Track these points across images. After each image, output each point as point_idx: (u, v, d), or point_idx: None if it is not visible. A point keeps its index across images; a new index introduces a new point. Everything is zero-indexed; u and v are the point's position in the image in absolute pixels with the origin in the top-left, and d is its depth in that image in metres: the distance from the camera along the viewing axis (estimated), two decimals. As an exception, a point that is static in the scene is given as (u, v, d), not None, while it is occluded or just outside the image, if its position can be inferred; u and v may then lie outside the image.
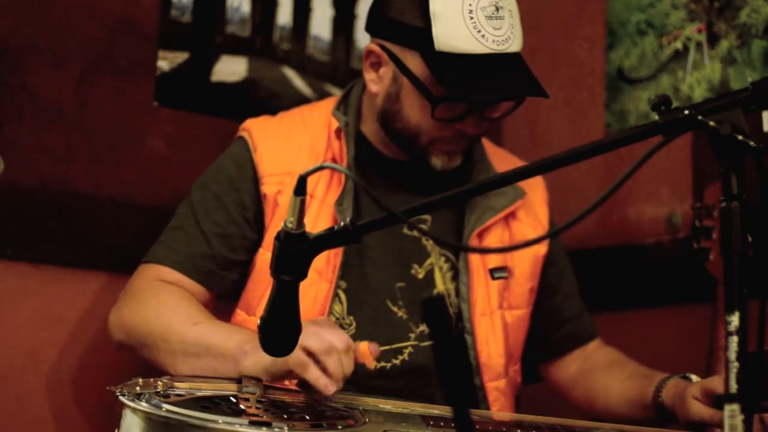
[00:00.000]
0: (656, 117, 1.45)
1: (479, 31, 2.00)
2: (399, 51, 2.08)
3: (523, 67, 2.07)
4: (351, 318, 2.11)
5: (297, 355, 1.79)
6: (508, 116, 2.16)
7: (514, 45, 2.04)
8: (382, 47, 2.10)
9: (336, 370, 1.79)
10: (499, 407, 2.15)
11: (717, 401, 1.93)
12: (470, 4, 2.00)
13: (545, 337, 2.30)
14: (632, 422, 2.05)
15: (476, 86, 2.01)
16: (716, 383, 1.94)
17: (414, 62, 2.05)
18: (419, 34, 2.02)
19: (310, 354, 1.80)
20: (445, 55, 2.01)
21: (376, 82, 2.13)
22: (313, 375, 1.79)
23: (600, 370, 2.26)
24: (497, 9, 2.01)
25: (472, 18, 2.00)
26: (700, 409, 1.94)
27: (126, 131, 2.43)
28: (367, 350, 1.86)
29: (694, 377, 2.04)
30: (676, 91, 2.58)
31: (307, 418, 1.74)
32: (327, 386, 1.78)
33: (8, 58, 2.29)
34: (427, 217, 2.20)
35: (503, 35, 2.02)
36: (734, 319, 1.34)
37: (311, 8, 2.72)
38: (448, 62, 2.00)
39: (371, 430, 1.75)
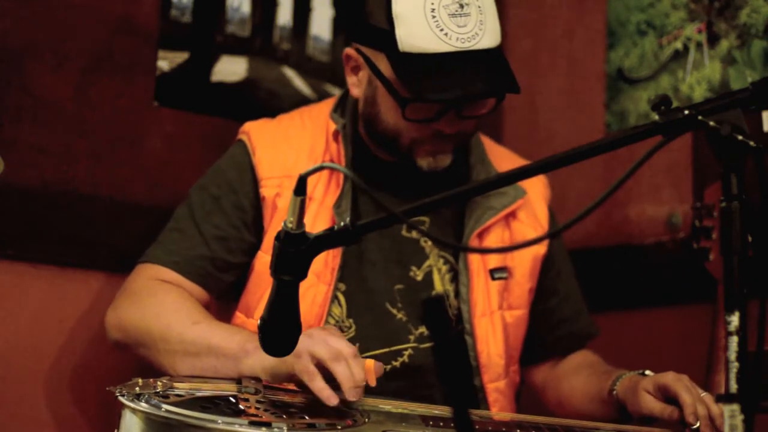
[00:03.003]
0: (656, 117, 1.45)
1: (442, 30, 1.98)
2: (371, 54, 2.08)
3: (494, 62, 2.03)
4: (350, 321, 2.11)
5: (304, 362, 1.80)
6: (496, 114, 2.14)
7: (484, 41, 2.00)
8: (358, 51, 2.11)
9: (345, 376, 1.78)
10: (499, 408, 2.14)
11: (667, 396, 1.94)
12: (432, 3, 1.98)
13: (535, 340, 2.29)
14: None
15: (437, 85, 1.98)
16: (668, 378, 1.95)
17: (383, 64, 2.05)
18: (385, 36, 2.02)
19: (318, 362, 1.80)
20: (408, 56, 1.99)
21: (357, 85, 2.13)
22: (318, 385, 1.79)
23: (568, 373, 2.27)
24: (461, 6, 1.99)
25: (434, 17, 1.98)
26: (650, 402, 1.95)
27: (126, 131, 2.42)
28: (372, 367, 1.85)
29: (648, 372, 2.04)
30: (676, 91, 2.58)
31: (307, 418, 1.74)
32: (330, 398, 1.77)
33: (8, 58, 2.29)
34: (426, 218, 2.20)
35: (469, 32, 1.99)
36: (734, 319, 1.34)
37: (311, 8, 2.72)
38: (411, 63, 1.99)
39: (371, 430, 1.75)
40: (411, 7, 1.99)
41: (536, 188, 2.29)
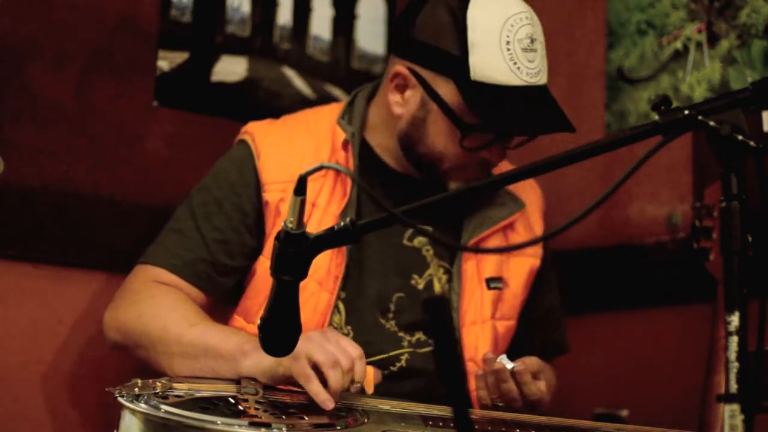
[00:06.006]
0: (656, 117, 1.45)
1: (515, 63, 2.00)
2: (430, 76, 2.06)
3: (551, 100, 2.08)
4: (349, 328, 2.11)
5: (301, 365, 1.80)
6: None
7: (544, 77, 2.06)
8: (411, 71, 2.08)
9: (337, 385, 1.78)
10: None
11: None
12: (508, 36, 2.00)
13: (513, 348, 2.27)
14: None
15: (510, 118, 2.02)
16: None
17: (446, 89, 2.04)
18: (455, 62, 2.01)
19: (315, 366, 1.80)
20: (480, 85, 2.00)
21: (401, 104, 2.11)
22: (314, 389, 1.79)
23: None
24: (532, 41, 2.02)
25: (509, 50, 2.00)
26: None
27: (126, 131, 2.43)
28: (371, 376, 1.86)
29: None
30: (676, 91, 2.58)
31: (306, 418, 1.74)
32: (325, 402, 1.78)
33: (8, 58, 2.29)
34: (427, 228, 2.19)
35: (536, 68, 2.03)
36: (734, 319, 1.34)
37: (311, 8, 2.72)
38: (482, 92, 2.00)
39: (371, 430, 1.75)
40: (488, 38, 1.99)
41: (533, 201, 2.30)
